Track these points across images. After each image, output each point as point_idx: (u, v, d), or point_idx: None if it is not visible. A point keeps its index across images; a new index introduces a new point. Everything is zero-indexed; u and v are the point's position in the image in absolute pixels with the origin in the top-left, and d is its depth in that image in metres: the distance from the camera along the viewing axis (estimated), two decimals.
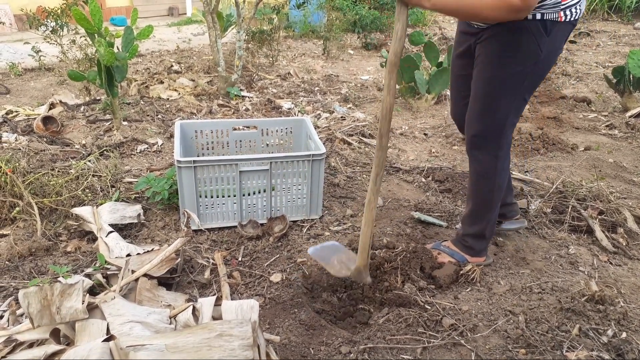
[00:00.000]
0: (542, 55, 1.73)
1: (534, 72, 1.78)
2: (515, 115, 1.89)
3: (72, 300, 1.35)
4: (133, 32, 3.36)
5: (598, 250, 2.32)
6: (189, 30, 8.05)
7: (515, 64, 1.76)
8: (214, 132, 2.79)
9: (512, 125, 1.92)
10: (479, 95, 1.88)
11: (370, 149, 3.48)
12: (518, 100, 1.85)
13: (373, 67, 6.08)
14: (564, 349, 1.67)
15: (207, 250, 2.27)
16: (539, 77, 1.84)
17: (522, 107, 1.90)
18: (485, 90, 1.86)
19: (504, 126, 1.89)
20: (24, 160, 2.83)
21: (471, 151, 2.00)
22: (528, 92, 1.86)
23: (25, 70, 5.21)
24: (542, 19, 1.68)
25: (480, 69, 1.85)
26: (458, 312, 1.86)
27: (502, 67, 1.79)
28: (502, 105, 1.85)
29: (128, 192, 2.69)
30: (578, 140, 3.68)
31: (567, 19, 1.70)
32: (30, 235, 2.29)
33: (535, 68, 1.77)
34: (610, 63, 6.05)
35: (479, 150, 1.97)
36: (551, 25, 1.69)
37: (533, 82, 1.83)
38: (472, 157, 2.01)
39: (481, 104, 1.89)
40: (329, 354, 1.69)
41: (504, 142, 1.93)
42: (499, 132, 1.90)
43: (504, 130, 1.90)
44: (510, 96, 1.82)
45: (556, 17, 1.68)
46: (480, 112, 1.90)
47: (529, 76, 1.78)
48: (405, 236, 2.38)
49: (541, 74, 1.82)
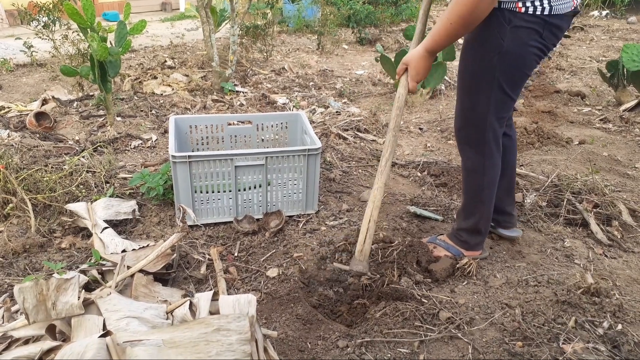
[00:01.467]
0: (504, 45, 1.71)
1: (502, 64, 1.74)
2: (497, 110, 1.85)
3: (68, 296, 1.34)
4: (126, 27, 3.33)
5: (593, 243, 2.33)
6: (182, 25, 8.00)
7: (480, 55, 1.77)
8: (209, 127, 2.77)
9: (497, 120, 1.88)
10: (458, 90, 1.92)
11: (365, 144, 3.47)
12: (496, 94, 1.80)
13: (368, 61, 6.07)
14: (560, 341, 1.68)
15: (203, 245, 2.26)
16: (513, 70, 1.77)
17: (506, 102, 1.85)
18: (460, 84, 1.89)
19: (485, 121, 1.87)
20: (17, 156, 2.80)
21: (459, 146, 2.02)
22: (508, 86, 1.80)
23: (17, 66, 5.17)
24: (499, 7, 1.68)
25: (458, 64, 1.88)
26: (455, 305, 1.87)
27: (470, 59, 1.82)
28: (480, 100, 1.84)
29: (122, 188, 2.67)
30: (573, 134, 3.69)
31: (528, 11, 1.66)
32: (24, 231, 2.27)
33: (503, 60, 1.73)
34: (604, 57, 6.07)
35: (466, 145, 1.98)
36: (510, 15, 1.68)
37: (507, 75, 1.77)
38: (461, 152, 2.02)
39: (460, 98, 1.92)
40: (326, 348, 1.69)
41: (488, 137, 1.90)
42: (481, 127, 1.89)
43: (485, 125, 1.87)
44: (485, 90, 1.81)
45: (514, 7, 1.67)
46: (461, 106, 1.92)
47: (498, 68, 1.75)
48: (401, 230, 2.38)
49: (514, 68, 1.76)
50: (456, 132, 1.99)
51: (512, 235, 2.27)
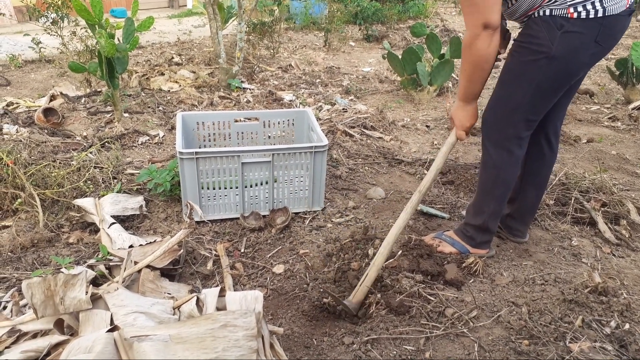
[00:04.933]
0: (553, 49, 1.69)
1: (548, 68, 1.72)
2: (528, 112, 1.84)
3: (75, 291, 1.35)
4: (134, 24, 3.34)
5: (601, 242, 2.31)
6: (189, 22, 8.01)
7: (528, 55, 1.75)
8: (216, 124, 2.78)
9: (525, 122, 1.87)
10: (497, 84, 1.92)
11: (372, 141, 3.47)
12: (532, 96, 1.80)
13: (374, 59, 6.05)
14: (567, 340, 1.67)
15: (210, 241, 2.27)
16: (557, 76, 1.75)
17: (538, 106, 1.84)
18: (501, 78, 1.89)
19: (512, 118, 1.87)
20: (25, 151, 2.82)
21: (483, 139, 2.01)
22: (546, 91, 1.79)
23: (26, 62, 5.19)
24: (550, 14, 1.67)
25: (506, 59, 1.88)
26: (461, 303, 1.86)
27: (517, 56, 1.80)
28: (514, 97, 1.83)
29: (130, 184, 2.69)
30: (581, 132, 3.67)
31: (580, 16, 1.63)
32: (32, 226, 2.28)
33: (549, 65, 1.71)
34: (613, 55, 6.02)
35: (487, 140, 1.97)
36: (562, 21, 1.66)
37: (550, 81, 1.76)
38: (482, 145, 2.02)
39: (496, 92, 1.92)
40: (331, 344, 1.69)
41: (511, 135, 1.90)
42: (507, 124, 1.88)
43: (512, 122, 1.87)
44: (522, 89, 1.80)
45: (565, 13, 1.65)
46: (494, 99, 1.92)
47: (542, 71, 1.74)
48: (407, 228, 2.37)
49: (558, 74, 1.75)
50: (482, 124, 1.99)
51: (516, 240, 2.27)
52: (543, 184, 2.15)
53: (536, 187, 2.15)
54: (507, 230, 2.27)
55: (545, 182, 2.17)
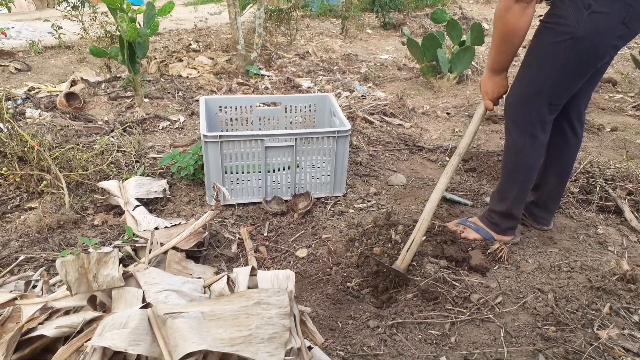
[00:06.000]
0: (580, 29, 1.66)
1: (573, 49, 1.69)
2: (551, 95, 1.82)
3: (108, 269, 1.36)
4: (154, 8, 3.34)
5: (627, 231, 2.28)
6: (205, 9, 8.00)
7: (553, 35, 1.72)
8: (238, 109, 2.77)
9: (548, 106, 1.84)
10: (521, 65, 1.89)
11: (392, 128, 3.45)
12: (555, 78, 1.77)
13: (392, 46, 6.00)
14: (595, 327, 1.66)
15: (233, 225, 2.28)
16: (582, 58, 1.72)
17: (562, 89, 1.81)
18: (526, 59, 1.86)
19: (534, 101, 1.84)
20: (49, 135, 2.85)
21: (505, 122, 1.99)
22: (570, 73, 1.76)
23: (45, 48, 5.23)
24: None
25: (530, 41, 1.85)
26: (486, 289, 1.85)
27: (541, 37, 1.77)
28: (537, 79, 1.80)
29: (152, 168, 2.70)
30: (604, 121, 3.61)
31: None
32: (58, 208, 2.31)
33: (575, 46, 1.68)
34: (636, 44, 5.90)
35: (511, 123, 1.95)
36: (590, 0, 1.62)
37: (574, 63, 1.73)
38: (506, 129, 2.00)
39: (519, 73, 1.89)
40: (357, 327, 1.70)
41: (534, 118, 1.87)
42: (531, 107, 1.85)
43: (534, 104, 1.84)
44: (546, 71, 1.77)
45: None
46: (517, 82, 1.90)
47: (567, 53, 1.70)
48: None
49: (584, 55, 1.71)
50: (505, 107, 1.97)
51: (542, 228, 2.25)
52: (567, 170, 2.12)
53: (560, 174, 2.12)
54: (531, 218, 2.25)
55: (570, 169, 2.13)
